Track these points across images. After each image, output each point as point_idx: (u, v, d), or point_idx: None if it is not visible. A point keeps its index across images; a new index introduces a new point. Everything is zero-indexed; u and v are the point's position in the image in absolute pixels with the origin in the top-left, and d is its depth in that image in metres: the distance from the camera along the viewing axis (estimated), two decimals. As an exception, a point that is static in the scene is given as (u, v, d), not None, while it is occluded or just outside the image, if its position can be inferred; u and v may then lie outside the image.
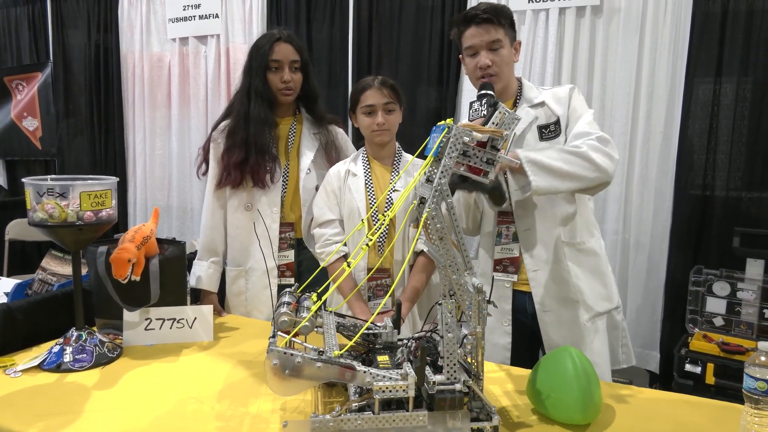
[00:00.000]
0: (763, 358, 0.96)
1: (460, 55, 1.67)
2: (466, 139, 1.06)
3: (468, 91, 2.85)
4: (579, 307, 1.60)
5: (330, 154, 1.96)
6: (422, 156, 1.13)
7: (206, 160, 1.95)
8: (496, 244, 1.67)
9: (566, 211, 1.62)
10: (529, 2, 2.68)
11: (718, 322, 2.37)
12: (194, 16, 3.47)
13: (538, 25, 2.68)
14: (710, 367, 2.16)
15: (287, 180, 1.91)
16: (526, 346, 1.70)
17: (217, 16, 3.41)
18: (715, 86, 2.47)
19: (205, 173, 1.96)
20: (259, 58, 1.84)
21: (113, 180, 1.40)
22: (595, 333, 1.61)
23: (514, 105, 1.66)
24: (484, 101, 1.36)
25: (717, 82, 2.46)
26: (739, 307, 2.33)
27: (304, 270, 1.93)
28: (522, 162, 1.38)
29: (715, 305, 2.37)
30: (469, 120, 1.36)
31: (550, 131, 1.61)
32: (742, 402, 1.01)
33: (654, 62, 2.53)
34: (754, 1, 2.37)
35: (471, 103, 1.39)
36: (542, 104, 1.63)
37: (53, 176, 1.34)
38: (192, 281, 1.90)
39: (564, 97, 1.62)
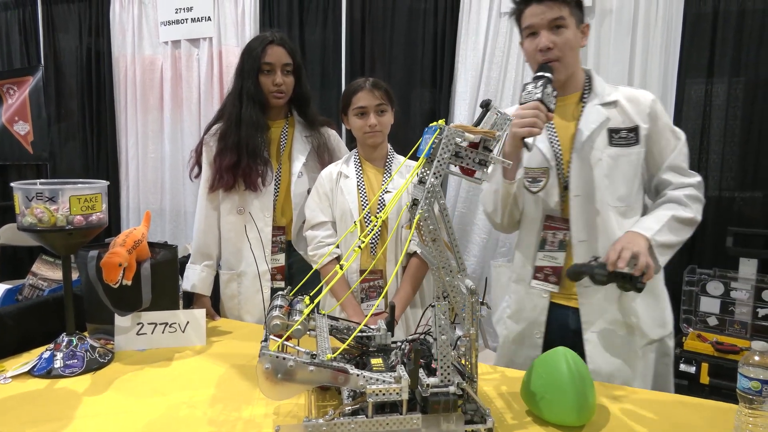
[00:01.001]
0: (756, 358, 0.96)
1: (520, 41, 1.52)
2: (458, 140, 1.05)
3: (461, 93, 2.85)
4: (633, 332, 1.44)
5: (322, 157, 1.95)
6: (414, 157, 1.13)
7: (198, 163, 1.94)
8: (540, 250, 1.51)
9: (627, 225, 1.44)
10: (521, 4, 2.69)
11: (712, 321, 2.37)
12: (186, 19, 3.46)
13: (531, 26, 2.68)
14: (704, 366, 2.16)
15: (279, 183, 1.90)
16: None
17: (209, 18, 3.40)
18: (707, 87, 2.47)
19: (198, 176, 1.95)
20: (251, 61, 1.83)
21: (103, 183, 1.39)
22: (645, 362, 1.46)
23: (581, 100, 1.49)
24: (540, 83, 1.30)
25: (709, 82, 2.47)
26: (733, 307, 2.34)
27: (295, 273, 1.93)
28: (653, 247, 1.32)
29: (709, 305, 2.37)
30: (520, 103, 1.33)
31: (621, 137, 1.44)
32: (736, 401, 1.01)
33: (646, 63, 2.54)
34: (745, 2, 2.38)
35: (525, 85, 1.34)
36: (615, 104, 1.46)
37: (42, 180, 1.33)
38: (185, 285, 1.89)
39: (645, 106, 1.45)
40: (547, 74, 1.33)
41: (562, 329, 1.51)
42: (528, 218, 1.55)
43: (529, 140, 1.32)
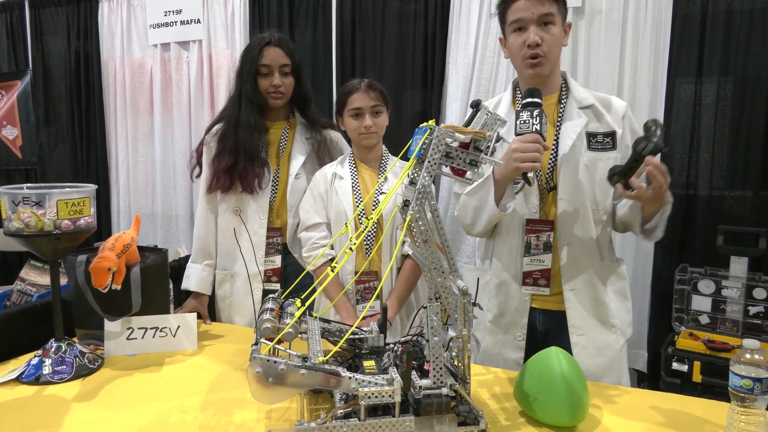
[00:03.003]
0: (748, 356, 0.97)
1: (500, 37, 1.53)
2: (449, 140, 1.05)
3: (452, 94, 2.85)
4: (616, 332, 1.50)
5: (323, 159, 1.94)
6: (406, 158, 1.12)
7: (200, 163, 1.96)
8: (525, 254, 1.51)
9: (605, 228, 1.51)
10: (511, 4, 2.69)
11: (704, 320, 2.38)
12: (176, 22, 3.43)
13: (521, 27, 2.68)
14: (697, 365, 2.16)
15: (277, 185, 1.90)
16: None
17: (198, 21, 3.38)
18: (697, 86, 2.49)
19: (199, 176, 1.96)
20: (249, 63, 1.84)
21: (91, 187, 1.38)
22: (624, 360, 1.52)
23: (559, 102, 1.52)
24: (536, 113, 1.28)
25: (698, 82, 2.48)
26: (724, 305, 2.35)
27: (289, 275, 1.92)
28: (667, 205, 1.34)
29: (701, 303, 2.38)
30: (516, 133, 1.30)
31: (597, 142, 1.47)
32: (729, 399, 1.01)
33: (636, 63, 2.55)
34: (733, 2, 2.40)
35: (518, 113, 1.31)
36: (591, 108, 1.50)
37: (29, 185, 1.31)
38: (185, 284, 1.90)
39: (620, 112, 1.50)
40: (538, 99, 1.30)
41: (541, 331, 1.54)
42: (504, 223, 1.53)
43: (530, 174, 1.32)
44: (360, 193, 1.76)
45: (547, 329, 1.53)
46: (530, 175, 1.33)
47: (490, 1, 2.72)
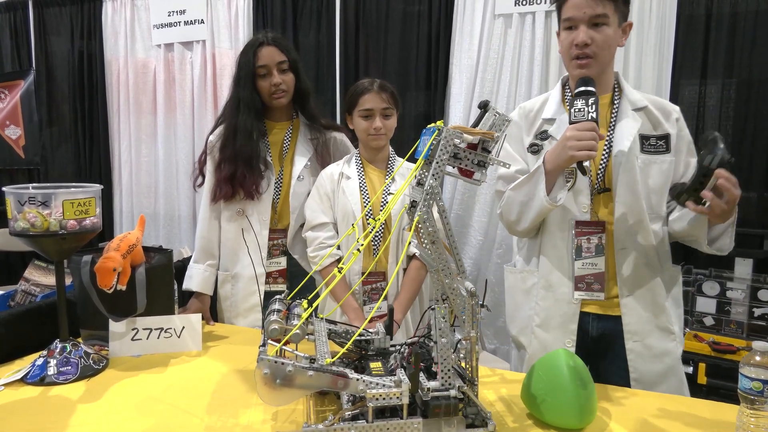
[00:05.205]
0: (757, 358, 0.96)
1: (557, 31, 1.48)
2: (457, 141, 1.05)
3: (456, 95, 2.84)
4: (675, 338, 1.45)
5: (326, 161, 1.94)
6: (413, 159, 1.12)
7: (202, 173, 1.95)
8: (577, 258, 1.45)
9: (661, 232, 1.45)
10: (515, 5, 2.69)
11: (709, 321, 2.38)
12: (179, 22, 3.44)
13: (525, 27, 2.69)
14: (702, 366, 2.16)
15: (281, 186, 1.90)
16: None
17: (202, 21, 3.38)
18: (701, 88, 2.49)
19: (201, 185, 1.96)
20: (245, 68, 1.83)
21: (97, 187, 1.38)
22: (680, 368, 1.47)
23: (612, 102, 1.48)
24: (591, 101, 1.27)
25: (702, 83, 2.48)
26: (729, 307, 2.34)
27: (293, 276, 1.92)
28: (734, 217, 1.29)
29: (705, 305, 2.38)
30: (571, 121, 1.29)
31: (650, 144, 1.43)
32: (734, 401, 1.01)
33: (640, 65, 2.55)
34: (738, 4, 2.40)
35: (572, 102, 1.29)
36: (644, 110, 1.46)
37: (35, 184, 1.31)
38: (187, 284, 1.89)
39: (674, 116, 1.47)
40: (592, 88, 1.29)
41: (594, 337, 1.49)
42: (553, 222, 1.48)
43: (585, 163, 1.29)
44: (367, 194, 1.76)
45: (600, 335, 1.48)
46: (585, 164, 1.29)
47: (494, 3, 2.72)
